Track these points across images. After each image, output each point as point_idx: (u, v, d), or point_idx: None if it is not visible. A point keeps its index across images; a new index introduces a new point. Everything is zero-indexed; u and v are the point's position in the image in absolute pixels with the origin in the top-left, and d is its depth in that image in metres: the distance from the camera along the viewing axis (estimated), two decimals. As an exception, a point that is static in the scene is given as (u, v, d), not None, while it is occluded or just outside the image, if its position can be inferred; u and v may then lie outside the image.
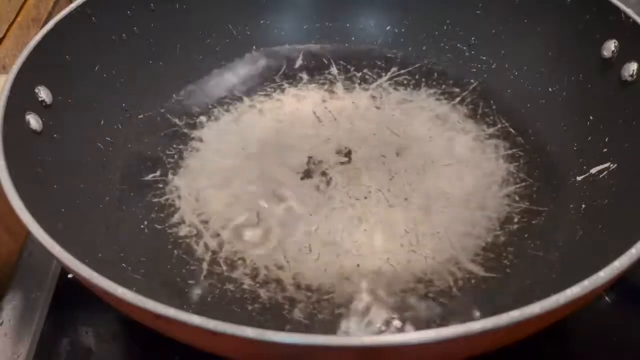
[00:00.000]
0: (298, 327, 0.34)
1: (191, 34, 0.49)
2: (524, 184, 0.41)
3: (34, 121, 0.36)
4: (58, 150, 0.37)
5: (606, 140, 0.40)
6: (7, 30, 0.50)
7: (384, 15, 0.52)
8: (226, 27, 0.50)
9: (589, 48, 0.42)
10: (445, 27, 0.51)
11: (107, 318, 0.37)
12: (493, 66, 0.49)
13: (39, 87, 0.38)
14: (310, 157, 0.44)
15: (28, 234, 0.31)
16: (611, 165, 0.39)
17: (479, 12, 0.49)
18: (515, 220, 0.39)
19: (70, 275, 0.39)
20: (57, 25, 0.40)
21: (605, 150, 0.39)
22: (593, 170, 0.40)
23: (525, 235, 0.38)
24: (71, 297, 0.38)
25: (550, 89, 0.45)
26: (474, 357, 0.28)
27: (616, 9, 0.40)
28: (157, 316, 0.25)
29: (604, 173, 0.39)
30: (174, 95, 0.48)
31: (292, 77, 0.50)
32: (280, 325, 0.34)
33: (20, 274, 0.41)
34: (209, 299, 0.35)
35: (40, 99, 0.37)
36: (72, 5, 0.41)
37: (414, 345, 0.24)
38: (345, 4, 0.52)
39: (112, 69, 0.44)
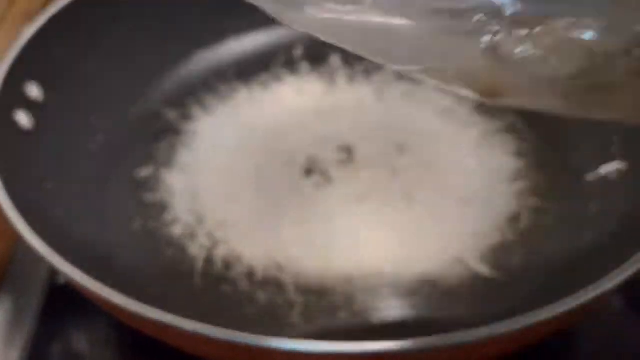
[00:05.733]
0: (297, 331, 0.33)
1: (188, 29, 0.48)
2: (532, 181, 0.40)
3: (25, 119, 0.36)
4: (49, 150, 0.37)
5: (616, 139, 0.39)
6: (-2, 25, 0.50)
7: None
8: (223, 22, 0.50)
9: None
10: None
11: (100, 322, 0.36)
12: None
13: (30, 85, 0.37)
14: (310, 154, 0.43)
15: (18, 236, 0.31)
16: (621, 165, 0.38)
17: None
18: (523, 218, 0.38)
19: (62, 279, 0.38)
20: (49, 20, 0.39)
21: (614, 150, 0.39)
22: (602, 171, 0.39)
23: (534, 235, 0.37)
24: (63, 301, 0.38)
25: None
26: None
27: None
28: (152, 322, 0.25)
29: (614, 173, 0.38)
30: (168, 89, 0.47)
31: (292, 68, 0.49)
32: (279, 329, 0.33)
33: (11, 278, 0.40)
34: (204, 301, 0.35)
35: (31, 96, 0.37)
36: (65, 0, 0.41)
37: (416, 351, 0.24)
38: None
39: (104, 65, 0.43)
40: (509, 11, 0.19)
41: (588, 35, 0.19)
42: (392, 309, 0.34)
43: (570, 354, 0.35)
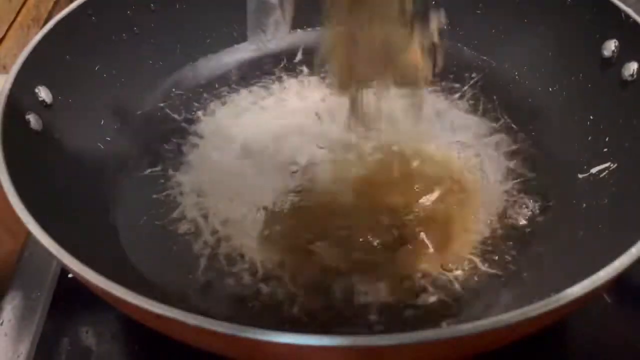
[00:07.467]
0: (298, 325, 0.34)
1: (191, 34, 0.49)
2: (523, 179, 0.41)
3: (34, 121, 0.37)
4: (58, 150, 0.38)
5: (606, 139, 0.40)
6: (7, 30, 0.50)
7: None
8: (226, 28, 0.50)
9: (589, 48, 0.42)
10: (445, 27, 0.51)
11: (107, 318, 0.37)
12: (493, 64, 0.49)
13: (39, 87, 0.38)
14: (310, 154, 0.43)
15: (28, 234, 0.31)
16: (611, 164, 0.39)
17: (479, 12, 0.49)
18: (516, 215, 0.39)
19: (70, 275, 0.39)
20: (57, 25, 0.40)
21: (605, 149, 0.39)
22: (593, 170, 0.40)
23: (526, 232, 0.38)
24: (71, 297, 0.38)
25: (550, 89, 0.45)
26: (474, 355, 0.28)
27: (616, 8, 0.40)
28: (157, 316, 0.25)
29: (605, 172, 0.39)
30: (173, 90, 0.48)
31: (292, 72, 0.50)
32: (280, 323, 0.34)
33: (20, 274, 0.41)
34: (207, 296, 0.35)
35: (40, 99, 0.38)
36: (72, 5, 0.42)
37: (414, 345, 0.24)
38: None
39: (112, 69, 0.44)
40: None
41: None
42: (391, 304, 0.35)
43: (559, 346, 0.36)
